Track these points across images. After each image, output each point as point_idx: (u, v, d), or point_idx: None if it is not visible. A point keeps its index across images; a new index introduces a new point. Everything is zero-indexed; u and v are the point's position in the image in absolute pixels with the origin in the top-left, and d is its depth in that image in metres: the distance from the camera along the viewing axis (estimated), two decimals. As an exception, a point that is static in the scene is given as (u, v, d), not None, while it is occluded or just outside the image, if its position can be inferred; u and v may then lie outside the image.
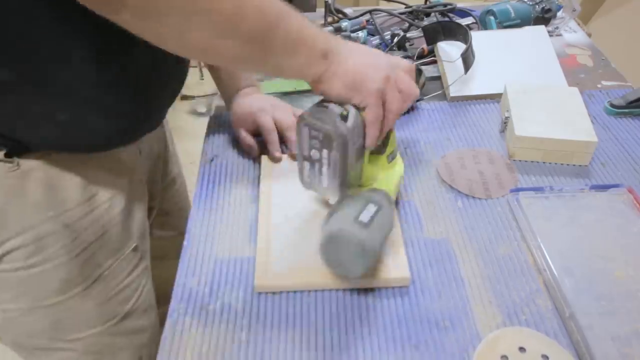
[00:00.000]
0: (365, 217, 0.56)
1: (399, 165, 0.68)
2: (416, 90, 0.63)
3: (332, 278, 0.60)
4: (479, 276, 0.62)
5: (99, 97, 0.57)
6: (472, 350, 0.54)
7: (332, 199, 0.62)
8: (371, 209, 0.57)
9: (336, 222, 0.56)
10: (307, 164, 0.60)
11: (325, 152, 0.57)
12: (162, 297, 0.84)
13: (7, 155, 0.57)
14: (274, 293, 0.60)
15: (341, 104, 0.58)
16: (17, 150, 0.57)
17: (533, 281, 0.61)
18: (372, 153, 0.64)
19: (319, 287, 0.60)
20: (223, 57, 0.54)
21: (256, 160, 0.77)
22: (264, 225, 0.66)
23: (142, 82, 0.61)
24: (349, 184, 0.60)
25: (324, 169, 0.59)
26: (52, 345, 0.69)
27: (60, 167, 0.60)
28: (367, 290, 0.60)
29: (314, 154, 0.58)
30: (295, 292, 0.60)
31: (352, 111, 0.57)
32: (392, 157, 0.66)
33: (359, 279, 0.59)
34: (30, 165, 0.58)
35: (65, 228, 0.62)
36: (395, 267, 0.61)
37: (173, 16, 0.46)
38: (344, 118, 0.56)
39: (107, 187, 0.66)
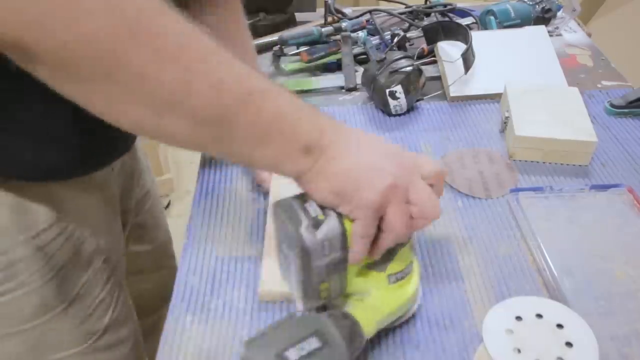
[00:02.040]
0: (294, 354, 0.44)
1: (407, 289, 0.54)
2: (436, 210, 0.49)
3: None
4: (479, 276, 0.62)
5: (60, 133, 0.54)
6: (472, 350, 0.54)
7: (298, 305, 0.51)
8: (310, 344, 0.45)
9: (254, 350, 0.45)
10: (281, 255, 0.51)
11: (292, 253, 0.47)
12: (141, 310, 0.82)
13: None
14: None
15: (323, 207, 0.47)
16: None
17: (533, 281, 0.61)
18: (368, 267, 0.52)
19: None
20: (170, 138, 0.44)
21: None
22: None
23: None
24: (319, 296, 0.49)
25: (292, 267, 0.49)
26: None
27: (27, 190, 0.56)
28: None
29: (284, 248, 0.49)
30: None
31: (332, 218, 0.46)
32: (396, 279, 0.52)
33: None
34: None
35: (37, 251, 0.58)
36: None
37: (99, 81, 0.38)
38: (316, 225, 0.46)
39: (78, 205, 0.62)
